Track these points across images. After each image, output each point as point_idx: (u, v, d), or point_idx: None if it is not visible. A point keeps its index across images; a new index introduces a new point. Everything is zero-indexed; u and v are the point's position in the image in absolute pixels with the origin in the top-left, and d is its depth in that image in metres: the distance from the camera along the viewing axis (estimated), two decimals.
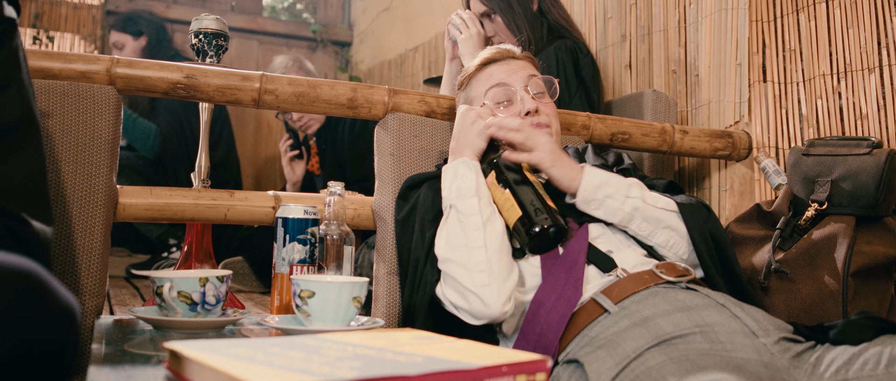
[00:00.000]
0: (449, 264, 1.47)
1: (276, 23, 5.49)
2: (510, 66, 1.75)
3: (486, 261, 1.44)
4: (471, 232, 1.47)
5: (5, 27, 1.12)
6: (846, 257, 1.72)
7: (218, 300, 1.36)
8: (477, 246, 1.45)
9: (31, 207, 1.11)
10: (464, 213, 1.49)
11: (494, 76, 1.73)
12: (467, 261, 1.45)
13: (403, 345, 0.89)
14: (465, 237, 1.47)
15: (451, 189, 1.55)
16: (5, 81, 1.11)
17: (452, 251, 1.47)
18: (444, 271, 1.49)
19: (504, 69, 1.74)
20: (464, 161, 1.58)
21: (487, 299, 1.42)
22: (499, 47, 1.80)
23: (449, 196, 1.54)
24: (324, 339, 0.93)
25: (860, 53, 2.04)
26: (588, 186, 1.55)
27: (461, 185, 1.54)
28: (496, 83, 1.72)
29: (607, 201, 1.54)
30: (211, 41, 1.97)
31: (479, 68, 1.77)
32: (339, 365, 0.76)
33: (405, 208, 1.68)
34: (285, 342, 0.90)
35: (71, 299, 0.95)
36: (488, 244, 1.46)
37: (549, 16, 2.53)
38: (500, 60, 1.76)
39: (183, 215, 1.71)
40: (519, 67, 1.75)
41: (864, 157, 1.82)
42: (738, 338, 1.26)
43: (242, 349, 0.83)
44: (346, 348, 0.86)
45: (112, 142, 1.60)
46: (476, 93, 1.75)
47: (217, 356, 0.79)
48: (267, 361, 0.77)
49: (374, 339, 0.94)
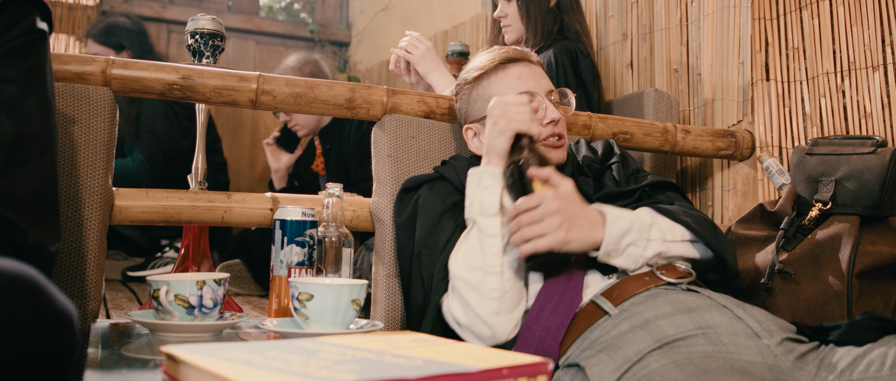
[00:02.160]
0: (461, 283, 1.44)
1: (274, 23, 5.47)
2: (532, 70, 1.68)
3: (500, 289, 1.41)
4: (490, 256, 1.43)
5: (35, 38, 1.16)
6: (851, 257, 1.71)
7: (215, 304, 1.36)
8: (493, 272, 1.42)
9: (38, 219, 1.12)
10: (486, 233, 1.45)
11: (521, 81, 1.65)
12: (481, 285, 1.42)
13: (403, 348, 0.89)
14: (483, 259, 1.43)
15: (474, 201, 1.49)
16: (30, 90, 1.14)
17: (468, 272, 1.44)
18: (454, 287, 1.46)
19: (527, 72, 1.67)
20: (490, 171, 1.51)
21: (496, 328, 1.41)
22: (513, 47, 1.74)
23: (471, 209, 1.49)
24: (322, 342, 0.92)
25: (864, 51, 2.03)
26: (611, 239, 1.40)
27: (484, 199, 1.48)
28: (524, 90, 1.63)
29: (629, 249, 1.42)
30: (207, 41, 1.97)
31: (499, 66, 1.68)
32: (338, 369, 0.76)
33: (405, 212, 1.65)
34: (283, 346, 0.90)
35: (68, 305, 0.95)
36: (505, 271, 1.42)
37: (566, 16, 2.52)
38: (522, 61, 1.69)
39: (180, 217, 1.70)
40: (539, 73, 1.69)
41: (868, 156, 1.81)
42: (741, 340, 1.25)
43: (240, 352, 0.83)
44: (345, 351, 0.86)
45: (107, 144, 1.59)
46: (496, 90, 1.66)
47: (214, 359, 0.79)
48: (265, 364, 0.78)
49: (373, 342, 0.93)
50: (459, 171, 1.65)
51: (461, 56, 2.68)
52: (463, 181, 1.60)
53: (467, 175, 1.54)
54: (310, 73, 3.48)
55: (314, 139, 3.66)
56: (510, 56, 1.69)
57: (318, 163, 3.63)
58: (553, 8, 2.51)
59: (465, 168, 1.64)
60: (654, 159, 2.41)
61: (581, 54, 2.45)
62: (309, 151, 3.71)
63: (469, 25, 3.91)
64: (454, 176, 1.65)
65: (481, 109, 1.68)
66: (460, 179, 1.62)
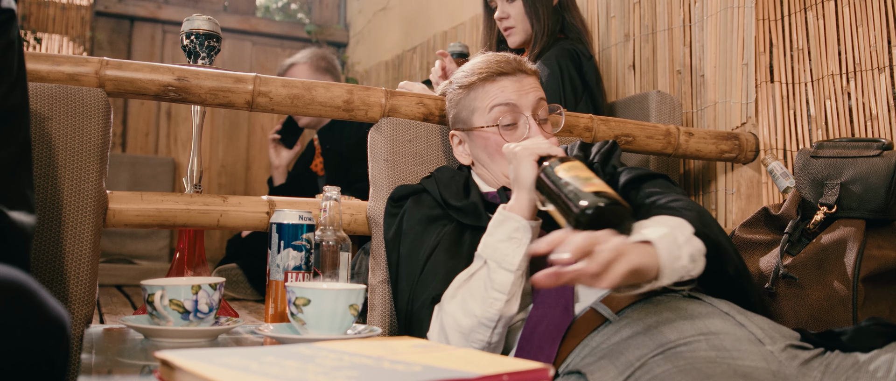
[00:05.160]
0: (451, 321, 1.40)
1: (270, 23, 5.46)
2: (521, 83, 1.64)
3: (488, 341, 1.38)
4: (489, 307, 1.38)
5: (5, 18, 1.13)
6: (856, 261, 1.70)
7: (211, 308, 1.36)
8: (487, 325, 1.37)
9: (9, 196, 1.11)
10: (494, 285, 1.37)
11: (504, 93, 1.62)
12: (470, 333, 1.38)
13: (402, 354, 0.88)
14: (482, 310, 1.37)
15: (497, 247, 1.39)
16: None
17: (463, 316, 1.39)
18: (443, 322, 1.42)
19: (515, 87, 1.63)
20: (524, 226, 1.38)
21: None
22: (508, 57, 1.68)
23: (488, 250, 1.40)
24: (320, 348, 0.92)
25: (870, 52, 2.02)
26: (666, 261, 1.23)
27: (509, 252, 1.37)
28: (505, 102, 1.61)
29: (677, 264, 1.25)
30: (203, 42, 1.96)
31: (487, 78, 1.64)
32: (336, 375, 0.76)
33: (391, 230, 1.64)
34: (280, 351, 0.89)
35: (61, 311, 0.94)
36: (498, 326, 1.38)
37: (567, 14, 2.50)
38: (511, 74, 1.64)
39: (174, 220, 1.69)
40: (529, 86, 1.64)
41: (874, 159, 1.81)
42: (745, 345, 1.24)
43: (236, 358, 0.83)
44: (343, 357, 0.86)
45: (101, 146, 1.57)
46: (480, 104, 1.64)
47: (210, 365, 0.78)
48: (261, 370, 0.77)
49: (371, 348, 0.93)
50: (441, 184, 1.63)
51: (461, 57, 2.66)
52: (444, 195, 1.59)
53: (496, 211, 1.44)
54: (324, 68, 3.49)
55: (313, 139, 3.66)
56: (499, 69, 1.64)
57: (318, 163, 3.63)
58: (556, 7, 2.49)
59: (447, 181, 1.63)
60: (656, 162, 2.41)
61: (584, 56, 2.44)
62: (308, 151, 3.71)
63: (469, 26, 3.90)
64: (435, 190, 1.63)
65: (467, 119, 1.67)
66: (441, 193, 1.61)
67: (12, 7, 1.15)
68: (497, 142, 1.61)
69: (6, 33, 1.13)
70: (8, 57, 1.13)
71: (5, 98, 1.12)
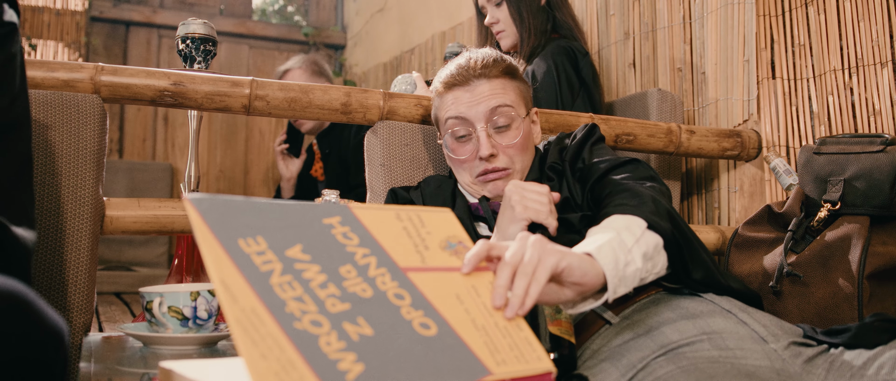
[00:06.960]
0: None
1: (267, 26, 5.44)
2: (474, 94, 1.60)
3: None
4: None
5: (6, 31, 1.13)
6: (861, 258, 1.69)
7: (210, 315, 1.37)
8: None
9: (11, 211, 1.10)
10: None
11: (456, 105, 1.61)
12: None
13: (442, 298, 0.85)
14: None
15: None
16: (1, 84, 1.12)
17: None
18: None
19: (466, 98, 1.60)
20: None
21: None
22: (468, 63, 1.63)
23: None
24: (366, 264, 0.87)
25: (872, 47, 2.02)
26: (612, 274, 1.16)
27: None
28: (455, 115, 1.60)
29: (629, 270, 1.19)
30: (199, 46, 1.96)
31: (444, 89, 1.64)
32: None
33: None
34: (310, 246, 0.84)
35: (58, 320, 0.94)
36: None
37: (557, 12, 2.50)
38: (463, 85, 1.61)
39: (172, 227, 1.68)
40: (486, 94, 1.60)
41: (877, 154, 1.80)
42: (748, 344, 1.23)
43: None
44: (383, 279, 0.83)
45: (97, 152, 1.56)
46: (441, 115, 1.65)
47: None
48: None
49: (445, 283, 0.88)
50: (427, 196, 1.65)
51: None
52: (427, 205, 1.59)
53: (413, 197, 1.52)
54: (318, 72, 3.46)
55: (313, 144, 3.64)
56: (452, 80, 1.62)
57: (317, 168, 3.61)
58: (544, 6, 2.48)
59: (433, 192, 1.64)
60: (658, 161, 2.40)
61: (579, 53, 2.43)
62: (308, 156, 3.69)
63: (466, 26, 3.90)
64: (420, 201, 1.64)
65: (438, 127, 1.69)
66: (426, 204, 1.61)
67: (14, 21, 1.15)
68: (453, 153, 1.63)
69: (7, 46, 1.14)
70: (9, 70, 1.13)
71: (6, 111, 1.12)
